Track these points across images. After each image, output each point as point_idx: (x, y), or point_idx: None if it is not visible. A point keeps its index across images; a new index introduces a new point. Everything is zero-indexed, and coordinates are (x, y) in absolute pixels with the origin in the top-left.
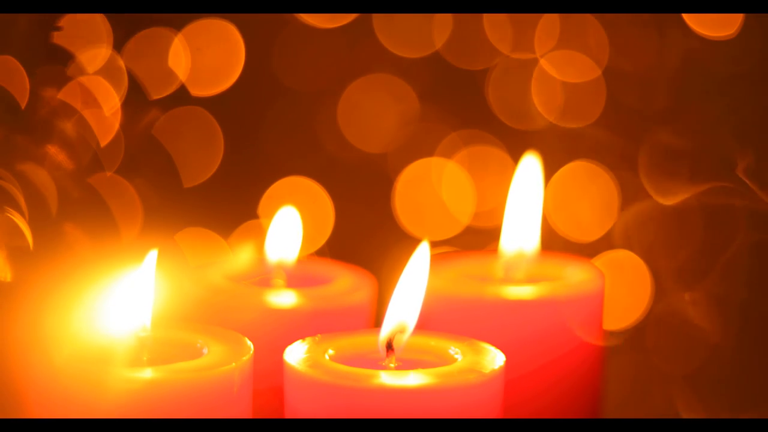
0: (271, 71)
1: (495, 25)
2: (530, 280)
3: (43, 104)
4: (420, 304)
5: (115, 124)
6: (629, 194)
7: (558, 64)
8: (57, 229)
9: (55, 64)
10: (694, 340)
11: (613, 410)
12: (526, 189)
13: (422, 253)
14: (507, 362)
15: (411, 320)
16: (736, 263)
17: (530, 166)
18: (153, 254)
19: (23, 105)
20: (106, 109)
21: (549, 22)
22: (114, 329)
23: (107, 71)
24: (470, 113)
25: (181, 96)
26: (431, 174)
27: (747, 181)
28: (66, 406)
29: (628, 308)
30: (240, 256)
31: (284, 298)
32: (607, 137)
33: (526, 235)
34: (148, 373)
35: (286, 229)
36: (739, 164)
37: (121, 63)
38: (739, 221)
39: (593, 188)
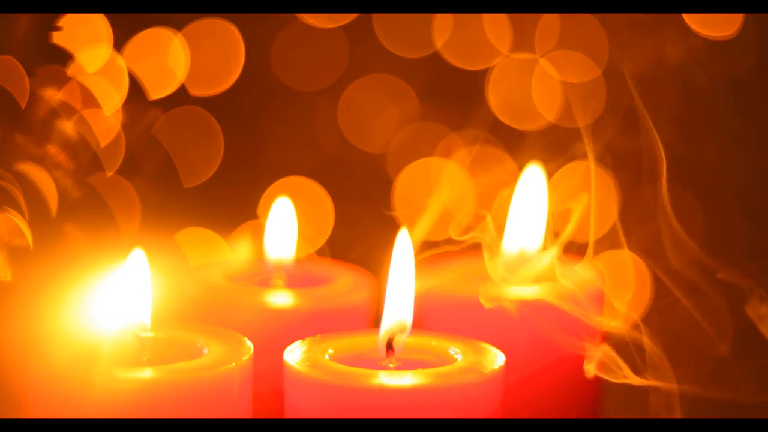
0: (270, 71)
1: (495, 25)
2: (530, 280)
3: (43, 104)
4: (412, 299)
5: (115, 124)
6: (629, 194)
7: (558, 64)
8: (57, 229)
9: (55, 64)
10: (694, 340)
11: (613, 410)
12: (530, 196)
13: (403, 243)
14: (507, 363)
15: (408, 318)
16: (736, 263)
17: (533, 175)
18: (138, 253)
19: (23, 105)
20: (106, 109)
21: (549, 22)
22: (113, 329)
23: (107, 71)
24: (470, 113)
25: (181, 96)
26: (431, 174)
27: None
28: (65, 406)
29: (628, 308)
30: (239, 253)
31: (284, 298)
32: (607, 137)
33: (529, 236)
34: (147, 373)
35: (284, 224)
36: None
37: (121, 63)
38: (739, 219)
39: (593, 188)
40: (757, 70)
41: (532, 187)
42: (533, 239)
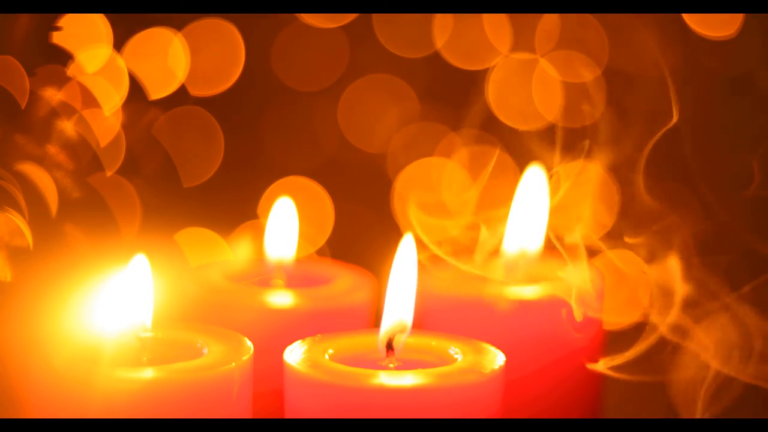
0: (271, 71)
1: (495, 25)
2: (530, 280)
3: (43, 104)
4: (413, 300)
5: (115, 124)
6: (629, 194)
7: (558, 64)
8: (57, 229)
9: (55, 64)
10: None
11: (613, 410)
12: (531, 196)
13: (407, 247)
14: (507, 363)
15: (408, 318)
16: (736, 264)
17: (534, 176)
18: (140, 258)
19: (23, 105)
20: (106, 109)
21: (549, 22)
22: (113, 329)
23: (107, 71)
24: (470, 113)
25: (181, 96)
26: (431, 174)
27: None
28: (66, 406)
29: (628, 308)
30: (239, 253)
31: (284, 298)
32: (607, 137)
33: (530, 236)
34: (148, 373)
35: (284, 224)
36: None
37: (121, 63)
38: (740, 221)
39: (593, 188)
40: (757, 70)
41: (532, 188)
42: (534, 240)
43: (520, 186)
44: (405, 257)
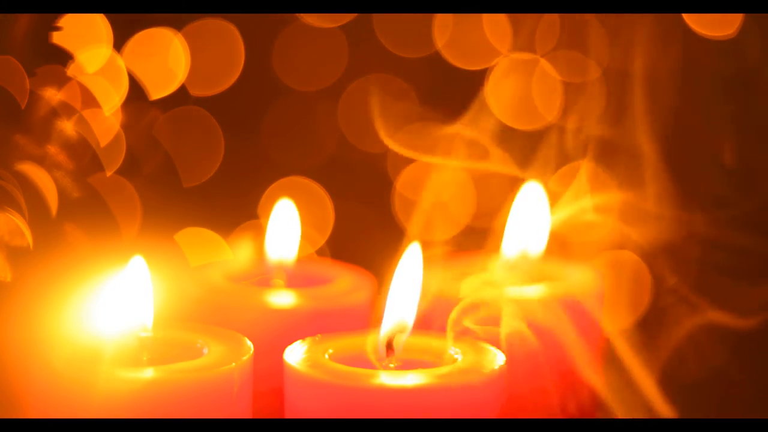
0: (271, 71)
1: (495, 25)
2: (531, 280)
3: (43, 104)
4: (416, 302)
5: (115, 124)
6: (629, 194)
7: (558, 64)
8: (57, 229)
9: (55, 64)
10: (693, 341)
11: (612, 408)
12: (530, 203)
13: (413, 253)
14: (507, 363)
15: (409, 319)
16: (735, 263)
17: (532, 192)
18: (138, 259)
19: (23, 105)
20: (106, 109)
21: (549, 22)
22: (113, 329)
23: (107, 71)
24: (470, 113)
25: (181, 96)
26: (431, 174)
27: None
28: (65, 406)
29: (628, 308)
30: (239, 253)
31: (284, 298)
32: (607, 137)
33: (531, 239)
34: (148, 373)
35: (285, 224)
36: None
37: (121, 63)
38: (740, 222)
39: (593, 189)
40: (757, 70)
41: (531, 199)
42: (534, 242)
43: (519, 193)
44: (410, 260)
